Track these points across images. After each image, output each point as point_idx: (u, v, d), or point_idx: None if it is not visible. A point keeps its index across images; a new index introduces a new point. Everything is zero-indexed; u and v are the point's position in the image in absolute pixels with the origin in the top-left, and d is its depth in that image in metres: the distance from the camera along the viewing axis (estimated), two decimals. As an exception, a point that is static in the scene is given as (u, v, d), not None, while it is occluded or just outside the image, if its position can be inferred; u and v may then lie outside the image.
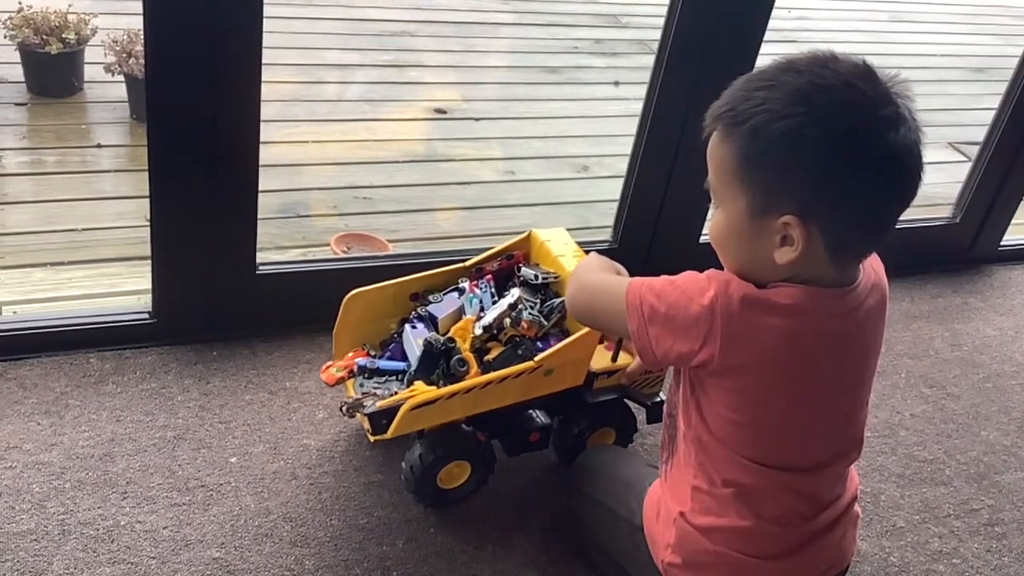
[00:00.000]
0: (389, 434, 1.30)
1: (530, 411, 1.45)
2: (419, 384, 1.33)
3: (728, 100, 1.00)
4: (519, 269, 1.48)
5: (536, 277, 1.45)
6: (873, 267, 1.08)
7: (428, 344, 1.36)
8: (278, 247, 2.37)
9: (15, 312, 2.00)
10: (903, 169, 0.97)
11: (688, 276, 1.05)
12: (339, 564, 1.31)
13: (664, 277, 1.07)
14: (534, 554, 1.38)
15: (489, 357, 1.36)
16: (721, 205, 1.03)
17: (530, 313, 1.39)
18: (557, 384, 1.38)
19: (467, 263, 1.49)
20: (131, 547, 1.29)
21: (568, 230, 1.51)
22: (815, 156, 0.94)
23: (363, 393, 1.38)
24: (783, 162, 0.95)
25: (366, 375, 1.41)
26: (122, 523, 1.32)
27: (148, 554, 1.28)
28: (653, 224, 1.89)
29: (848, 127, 0.94)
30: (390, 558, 1.33)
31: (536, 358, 1.32)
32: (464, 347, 1.37)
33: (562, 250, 1.47)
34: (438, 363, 1.36)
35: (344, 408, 1.36)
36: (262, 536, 1.33)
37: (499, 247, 1.50)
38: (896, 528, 1.53)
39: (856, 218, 0.99)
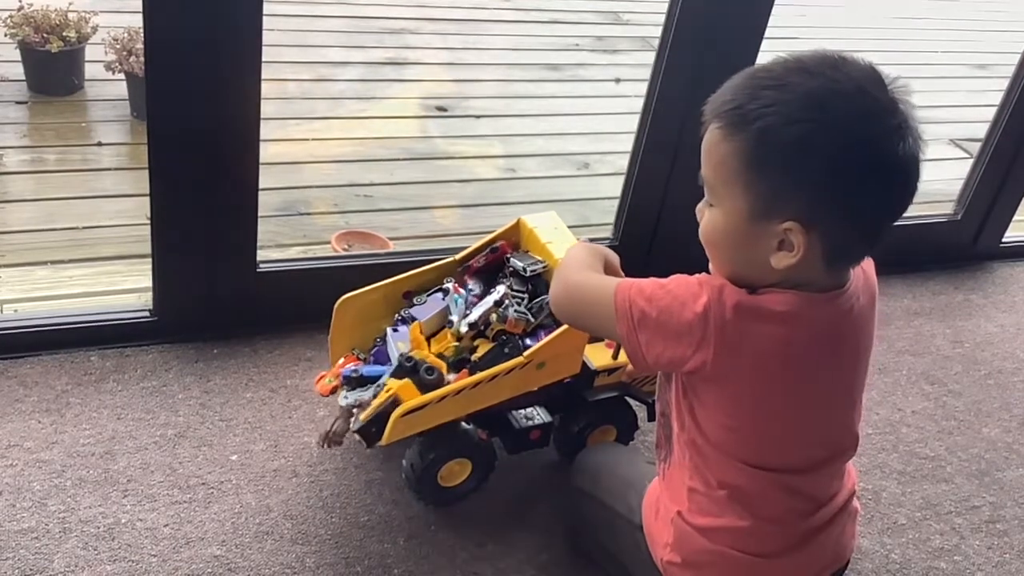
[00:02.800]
0: (383, 442, 1.30)
1: (531, 408, 1.45)
2: (391, 381, 1.31)
3: (732, 96, 0.97)
4: (508, 260, 1.47)
5: (525, 269, 1.43)
6: (862, 266, 1.07)
7: (400, 362, 1.35)
8: (279, 245, 2.37)
9: (16, 310, 2.00)
10: (909, 180, 0.96)
11: (679, 280, 1.04)
12: (340, 562, 1.31)
13: (653, 280, 1.06)
14: (535, 552, 1.37)
15: (475, 356, 1.36)
16: (718, 204, 1.01)
17: (516, 311, 1.38)
18: (552, 376, 1.37)
19: (457, 256, 1.48)
20: (132, 545, 1.29)
21: (569, 227, 1.50)
22: (827, 164, 0.93)
23: (345, 406, 1.35)
24: (792, 168, 0.94)
25: (350, 386, 1.39)
26: (123, 521, 1.32)
27: (149, 552, 1.29)
28: (654, 221, 1.89)
29: (862, 137, 0.93)
30: (391, 556, 1.33)
31: (525, 353, 1.32)
32: (427, 354, 1.35)
33: (551, 236, 1.44)
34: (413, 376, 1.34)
35: (323, 443, 1.37)
36: (263, 534, 1.33)
37: (488, 237, 1.49)
38: (897, 525, 1.53)
39: (858, 226, 0.98)
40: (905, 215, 1.00)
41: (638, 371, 1.15)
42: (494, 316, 1.38)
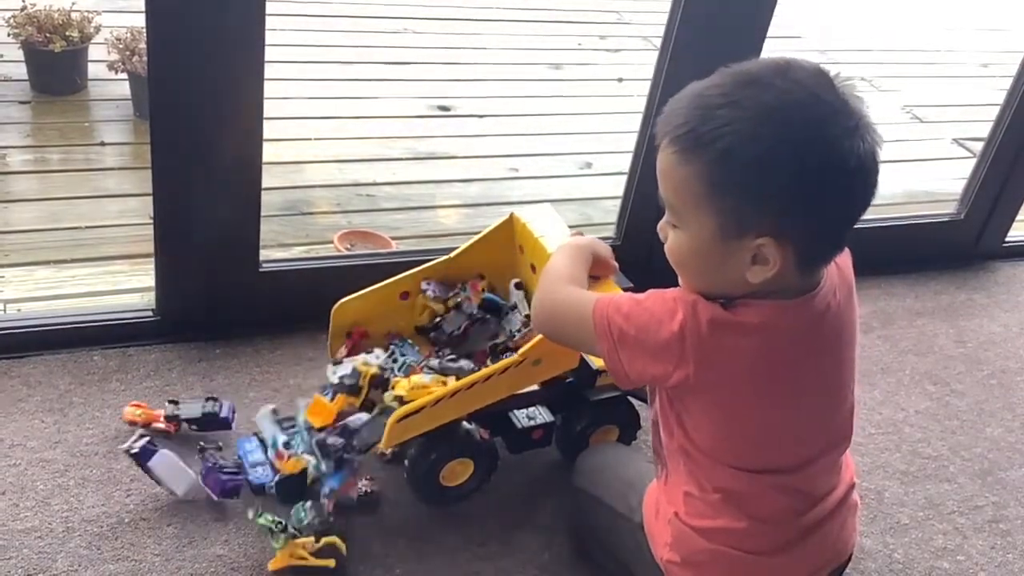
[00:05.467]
0: (383, 445, 1.30)
1: (533, 408, 1.45)
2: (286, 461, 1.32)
3: (684, 119, 0.95)
4: (485, 290, 1.45)
5: (497, 305, 1.43)
6: (835, 261, 1.06)
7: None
8: (281, 244, 2.37)
9: (19, 310, 2.00)
10: (872, 177, 0.96)
11: (655, 297, 1.04)
12: (341, 561, 1.31)
13: (630, 296, 1.06)
14: (537, 552, 1.37)
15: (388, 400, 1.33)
16: (683, 226, 1.00)
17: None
18: (549, 372, 1.37)
19: (452, 254, 1.48)
20: (135, 544, 1.29)
21: (571, 227, 1.49)
22: (793, 177, 0.92)
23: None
24: (758, 185, 0.93)
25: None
26: (126, 520, 1.32)
27: (152, 551, 1.29)
28: (656, 221, 1.87)
29: (823, 143, 0.92)
30: (392, 555, 1.33)
31: (520, 351, 1.31)
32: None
33: (543, 230, 1.42)
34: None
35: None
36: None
37: (483, 233, 1.48)
38: (900, 525, 1.53)
39: (829, 230, 0.98)
40: (908, 215, 1.00)
41: (622, 387, 1.15)
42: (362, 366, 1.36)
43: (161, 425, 1.44)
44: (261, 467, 1.37)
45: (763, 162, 0.91)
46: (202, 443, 1.39)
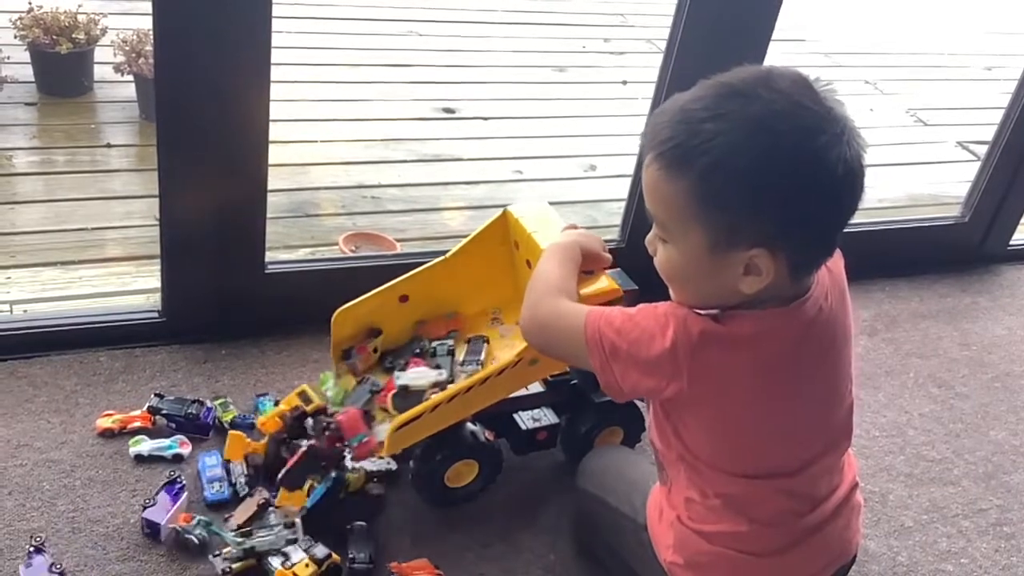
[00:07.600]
0: (384, 451, 1.31)
1: (538, 410, 1.46)
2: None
3: (669, 134, 0.94)
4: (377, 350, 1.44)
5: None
6: (826, 265, 1.05)
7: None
8: (286, 246, 2.38)
9: (25, 311, 2.01)
10: (859, 181, 0.96)
11: (646, 312, 1.03)
12: (346, 561, 1.31)
13: (620, 309, 1.06)
14: (541, 553, 1.38)
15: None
16: (673, 241, 0.99)
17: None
18: (547, 371, 1.38)
19: (447, 255, 1.47)
20: (141, 544, 1.30)
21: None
22: (783, 187, 0.92)
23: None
24: (748, 197, 0.92)
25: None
26: (132, 520, 1.33)
27: (157, 552, 1.29)
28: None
29: (811, 152, 0.91)
30: (398, 556, 1.33)
31: (516, 352, 1.31)
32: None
33: (536, 226, 1.40)
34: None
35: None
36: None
37: (477, 231, 1.47)
38: (904, 528, 1.53)
39: (820, 236, 0.98)
40: (912, 217, 1.00)
41: (617, 400, 1.15)
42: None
43: (137, 424, 1.45)
44: (219, 483, 1.37)
45: (752, 174, 0.91)
46: (169, 473, 1.37)
